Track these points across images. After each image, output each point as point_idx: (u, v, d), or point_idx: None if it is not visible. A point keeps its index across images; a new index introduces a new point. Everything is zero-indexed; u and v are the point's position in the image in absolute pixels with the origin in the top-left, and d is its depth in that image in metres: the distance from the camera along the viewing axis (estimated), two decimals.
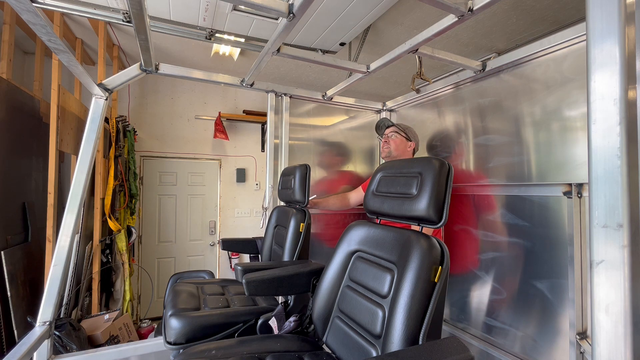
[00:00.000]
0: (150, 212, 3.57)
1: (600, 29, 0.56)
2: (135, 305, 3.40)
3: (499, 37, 2.64)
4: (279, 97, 2.16)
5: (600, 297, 0.54)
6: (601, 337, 0.54)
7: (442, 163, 0.96)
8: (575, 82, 1.29)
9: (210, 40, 2.11)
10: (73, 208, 1.43)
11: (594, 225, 0.55)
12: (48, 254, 2.21)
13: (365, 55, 2.82)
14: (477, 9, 1.12)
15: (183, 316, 1.29)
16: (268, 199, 2.12)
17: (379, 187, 1.12)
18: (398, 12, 2.28)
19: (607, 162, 0.54)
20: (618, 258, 0.52)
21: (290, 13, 1.12)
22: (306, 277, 1.30)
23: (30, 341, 1.24)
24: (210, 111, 3.82)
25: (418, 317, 0.83)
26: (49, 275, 1.38)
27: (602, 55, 0.56)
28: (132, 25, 1.18)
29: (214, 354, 1.02)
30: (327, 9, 1.97)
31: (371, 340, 0.96)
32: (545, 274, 1.32)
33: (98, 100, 1.52)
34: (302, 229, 1.58)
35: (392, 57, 1.53)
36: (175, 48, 2.93)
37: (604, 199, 0.54)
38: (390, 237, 1.01)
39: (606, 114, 0.54)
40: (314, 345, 1.15)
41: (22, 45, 2.81)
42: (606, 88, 0.55)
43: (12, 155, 2.22)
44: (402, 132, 1.90)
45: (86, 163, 1.47)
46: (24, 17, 0.85)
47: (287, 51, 1.49)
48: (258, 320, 1.36)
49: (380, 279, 0.99)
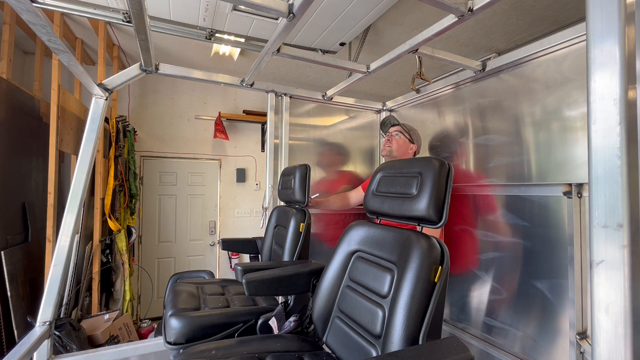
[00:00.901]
0: (150, 212, 3.57)
1: (600, 28, 0.56)
2: (135, 305, 3.40)
3: (499, 37, 2.64)
4: (279, 97, 2.16)
5: (600, 297, 0.54)
6: (601, 337, 0.54)
7: (442, 163, 0.96)
8: (575, 82, 1.29)
9: (210, 40, 2.11)
10: (73, 208, 1.43)
11: (594, 225, 0.55)
12: (48, 254, 2.21)
13: (365, 55, 2.82)
14: (477, 9, 1.12)
15: (183, 316, 1.29)
16: (268, 199, 2.11)
17: (379, 187, 1.12)
18: (398, 12, 2.28)
19: (607, 162, 0.54)
20: (618, 258, 0.52)
21: (290, 13, 1.12)
22: (306, 277, 1.30)
23: (30, 341, 1.24)
24: (210, 111, 3.82)
25: (418, 317, 0.83)
26: (49, 275, 1.38)
27: (602, 55, 0.55)
28: (132, 25, 1.18)
29: (214, 354, 1.02)
30: (327, 9, 1.97)
31: (371, 340, 0.96)
32: (545, 274, 1.32)
33: (98, 100, 1.52)
34: (302, 229, 1.58)
35: (392, 57, 1.53)
36: (175, 48, 2.93)
37: (604, 199, 0.54)
38: (390, 237, 1.01)
39: (606, 114, 0.54)
40: (314, 345, 1.15)
41: (22, 45, 2.81)
42: (606, 88, 0.55)
43: (12, 155, 2.22)
44: (406, 134, 1.90)
45: (86, 163, 1.47)
46: (24, 17, 0.85)
47: (287, 51, 1.49)
48: (258, 320, 1.35)
49: (380, 279, 0.99)
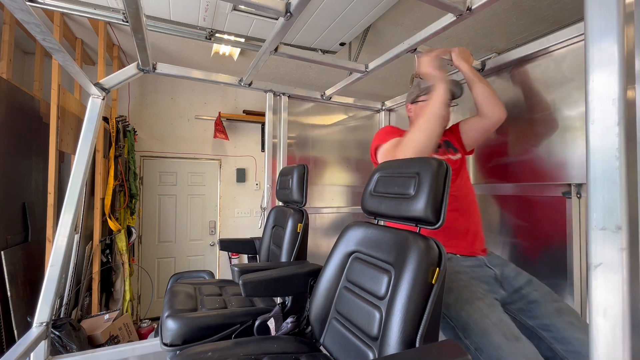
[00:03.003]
0: (150, 212, 3.57)
1: (599, 28, 0.55)
2: (135, 305, 3.40)
3: (499, 37, 2.62)
4: (277, 97, 2.15)
5: (599, 300, 0.53)
6: (599, 340, 0.53)
7: (440, 163, 0.95)
8: (574, 82, 1.28)
9: (210, 40, 2.11)
10: (70, 208, 1.43)
11: (592, 227, 0.54)
12: (48, 254, 2.21)
13: (365, 56, 2.81)
14: (475, 8, 1.11)
15: (180, 317, 1.28)
16: (267, 199, 2.11)
17: (377, 188, 1.11)
18: (398, 12, 2.27)
19: (606, 163, 0.53)
20: (616, 261, 0.51)
21: (287, 12, 1.12)
22: (304, 278, 1.30)
23: (27, 342, 1.24)
24: (210, 111, 3.81)
25: (415, 319, 0.82)
26: (46, 275, 1.38)
27: (600, 54, 0.55)
28: (129, 25, 1.17)
29: (210, 356, 1.02)
30: (326, 9, 1.96)
31: (368, 342, 0.95)
32: (545, 274, 1.31)
33: (95, 100, 1.52)
34: (299, 229, 1.57)
35: (391, 57, 1.52)
36: (175, 48, 2.93)
37: (602, 201, 0.53)
38: (388, 238, 1.01)
39: (605, 114, 0.53)
40: (311, 346, 1.14)
41: (22, 45, 2.82)
42: (605, 88, 0.54)
43: (12, 155, 2.22)
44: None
45: (83, 162, 1.47)
46: (17, 16, 0.85)
47: (286, 51, 1.48)
48: (255, 321, 1.35)
49: (377, 280, 0.98)
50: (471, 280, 1.11)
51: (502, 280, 1.16)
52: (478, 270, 1.15)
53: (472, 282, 1.10)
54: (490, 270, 1.16)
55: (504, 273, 1.17)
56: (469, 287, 1.08)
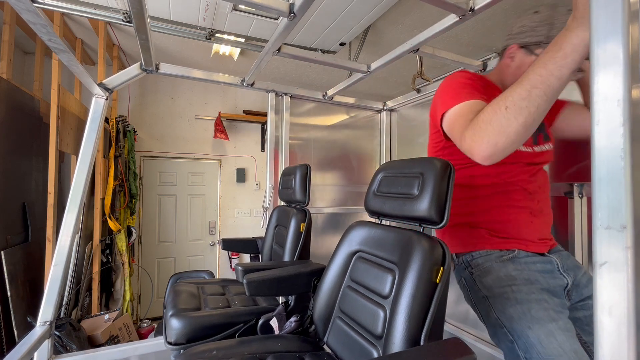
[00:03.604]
0: (150, 212, 3.57)
1: (604, 28, 0.55)
2: (135, 305, 3.39)
3: (499, 37, 2.63)
4: (279, 97, 2.16)
5: (604, 299, 0.54)
6: (604, 339, 0.53)
7: (444, 163, 0.95)
8: None
9: (210, 40, 2.11)
10: (73, 208, 1.43)
11: (597, 226, 0.55)
12: (48, 254, 2.21)
13: (365, 55, 2.82)
14: (478, 8, 1.12)
15: (184, 316, 1.29)
16: (268, 199, 2.11)
17: (380, 188, 1.12)
18: (398, 12, 2.28)
19: (611, 163, 0.53)
20: (621, 259, 0.52)
21: (291, 12, 1.12)
22: (307, 277, 1.30)
23: (30, 341, 1.24)
24: (210, 111, 3.81)
25: (419, 317, 0.83)
26: (50, 275, 1.37)
27: (605, 55, 0.55)
28: (132, 25, 1.17)
29: (214, 354, 1.02)
30: (327, 9, 1.97)
31: (372, 341, 0.95)
32: None
33: (98, 100, 1.52)
34: (302, 229, 1.57)
35: (393, 57, 1.53)
36: (175, 48, 2.93)
37: (607, 200, 0.54)
38: (392, 237, 1.01)
39: (610, 114, 0.54)
40: (315, 345, 1.15)
41: (22, 45, 2.81)
42: (610, 88, 0.54)
43: (12, 155, 2.21)
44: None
45: (86, 163, 1.47)
46: (24, 17, 0.85)
47: (288, 51, 1.48)
48: (259, 320, 1.35)
49: (381, 279, 0.99)
50: (543, 294, 0.95)
51: (572, 289, 1.02)
52: (549, 279, 0.99)
53: (545, 297, 0.94)
54: (563, 280, 1.01)
55: (575, 280, 1.03)
56: (540, 303, 0.92)
